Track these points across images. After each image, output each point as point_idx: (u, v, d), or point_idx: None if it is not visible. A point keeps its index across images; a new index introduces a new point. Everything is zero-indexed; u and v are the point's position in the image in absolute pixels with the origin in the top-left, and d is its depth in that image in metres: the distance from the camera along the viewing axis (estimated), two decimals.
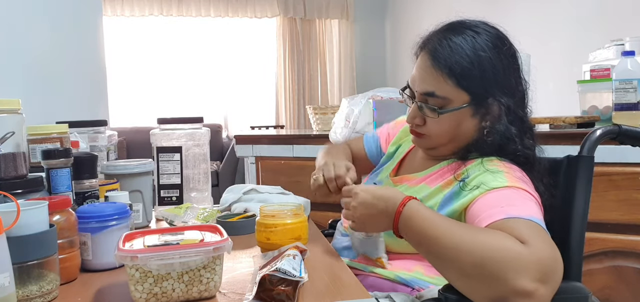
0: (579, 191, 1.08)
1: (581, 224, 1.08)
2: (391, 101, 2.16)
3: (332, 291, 0.87)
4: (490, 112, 1.06)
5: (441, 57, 1.05)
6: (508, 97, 1.05)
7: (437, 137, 1.10)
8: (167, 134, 1.61)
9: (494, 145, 1.05)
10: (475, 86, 1.04)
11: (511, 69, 1.08)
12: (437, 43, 1.07)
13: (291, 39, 6.27)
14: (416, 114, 1.11)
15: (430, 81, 1.07)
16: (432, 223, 0.90)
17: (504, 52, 1.07)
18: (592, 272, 1.72)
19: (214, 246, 0.83)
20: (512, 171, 1.01)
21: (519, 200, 0.94)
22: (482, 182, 0.99)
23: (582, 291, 0.97)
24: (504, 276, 0.80)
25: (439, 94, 1.06)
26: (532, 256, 0.81)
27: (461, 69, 1.04)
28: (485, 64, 1.04)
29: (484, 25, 1.10)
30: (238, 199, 1.46)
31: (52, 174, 1.13)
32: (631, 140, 1.11)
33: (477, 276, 0.82)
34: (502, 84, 1.05)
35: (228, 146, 5.46)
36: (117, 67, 5.54)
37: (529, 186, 0.99)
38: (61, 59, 2.07)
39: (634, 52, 1.89)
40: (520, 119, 1.07)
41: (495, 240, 0.83)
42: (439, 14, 1.20)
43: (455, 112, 1.06)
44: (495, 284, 0.80)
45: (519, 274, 0.79)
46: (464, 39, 1.06)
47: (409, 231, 0.94)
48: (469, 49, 1.04)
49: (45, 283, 0.84)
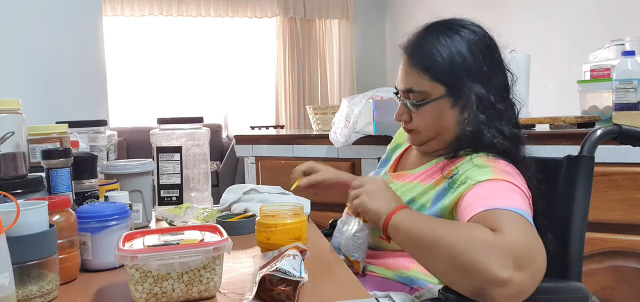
0: (579, 191, 1.08)
1: (581, 224, 1.08)
2: (391, 101, 2.15)
3: (332, 291, 0.87)
4: (469, 102, 1.10)
5: (416, 54, 1.13)
6: (480, 84, 1.09)
7: (424, 131, 1.16)
8: (167, 134, 1.61)
9: (474, 136, 1.08)
10: (448, 77, 1.10)
11: (483, 58, 1.11)
12: (413, 43, 1.16)
13: (291, 39, 6.26)
14: (403, 111, 1.19)
15: (409, 78, 1.15)
16: (418, 223, 0.95)
17: (475, 42, 1.11)
18: (592, 272, 1.72)
19: (214, 246, 0.83)
20: (499, 165, 1.04)
21: (501, 191, 0.96)
22: (469, 177, 1.02)
23: (582, 291, 0.98)
24: (475, 266, 0.82)
25: (416, 89, 1.13)
26: (503, 243, 0.83)
27: (433, 63, 1.11)
28: (455, 56, 1.10)
29: (459, 20, 1.16)
30: (238, 199, 1.45)
31: (52, 174, 1.13)
32: (631, 141, 1.11)
33: (453, 269, 0.86)
34: (473, 74, 1.09)
35: (228, 146, 5.46)
36: (117, 67, 5.54)
37: (515, 178, 1.01)
38: (61, 59, 2.07)
39: (634, 52, 1.89)
40: (493, 107, 1.09)
41: (464, 232, 0.87)
42: (438, 13, 1.21)
43: (433, 104, 1.12)
44: (469, 275, 0.83)
45: (491, 264, 0.81)
46: (436, 36, 1.13)
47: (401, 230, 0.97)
48: (440, 44, 1.11)
49: (45, 283, 0.84)
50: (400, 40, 1.19)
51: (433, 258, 0.90)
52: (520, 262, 0.82)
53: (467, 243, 0.84)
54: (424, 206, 1.09)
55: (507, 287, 0.80)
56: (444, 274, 0.90)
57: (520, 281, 0.81)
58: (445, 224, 0.95)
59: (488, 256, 0.81)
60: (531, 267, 0.83)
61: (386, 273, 1.11)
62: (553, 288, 1.00)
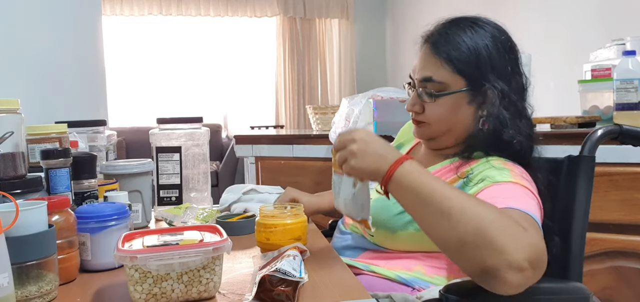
0: (580, 191, 1.08)
1: (582, 225, 1.08)
2: (391, 101, 2.15)
3: (332, 291, 0.86)
4: (486, 100, 1.09)
5: (440, 44, 1.11)
6: (503, 82, 1.08)
7: (436, 124, 1.14)
8: (167, 134, 1.60)
9: (490, 135, 1.07)
10: (471, 71, 1.09)
11: (507, 58, 1.11)
12: (436, 34, 1.14)
13: (291, 38, 6.26)
14: (415, 101, 1.16)
15: (429, 67, 1.12)
16: (438, 182, 0.88)
17: (501, 41, 1.11)
18: (593, 273, 1.72)
19: (214, 246, 0.82)
20: (516, 170, 1.04)
21: (521, 195, 0.96)
22: (488, 176, 1.01)
23: (583, 291, 0.97)
24: (503, 248, 0.80)
25: (436, 78, 1.10)
26: (530, 239, 0.83)
27: (458, 54, 1.09)
28: (481, 50, 1.09)
29: (484, 18, 1.15)
30: (238, 199, 1.45)
31: (51, 174, 1.13)
32: (632, 140, 1.11)
33: (475, 242, 0.82)
34: (497, 70, 1.09)
35: (228, 146, 5.46)
36: (116, 67, 5.54)
37: (531, 186, 1.01)
38: (60, 59, 2.06)
39: (635, 51, 1.89)
40: (515, 105, 1.09)
41: (500, 214, 0.84)
42: (439, 13, 1.21)
43: (451, 97, 1.10)
44: (492, 253, 0.80)
45: (517, 250, 0.80)
46: (462, 29, 1.11)
47: (409, 184, 0.89)
48: (467, 37, 1.10)
49: (44, 283, 0.84)
50: (400, 40, 1.18)
51: (449, 223, 0.84)
52: (536, 262, 0.82)
53: (504, 225, 0.82)
54: None
55: (521, 275, 0.80)
56: (458, 241, 0.83)
57: (530, 276, 0.81)
58: (473, 197, 0.90)
59: (518, 245, 0.80)
60: (540, 268, 0.83)
61: (387, 273, 1.11)
62: (554, 289, 0.99)
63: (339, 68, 6.43)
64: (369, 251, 1.17)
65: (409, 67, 1.19)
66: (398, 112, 1.38)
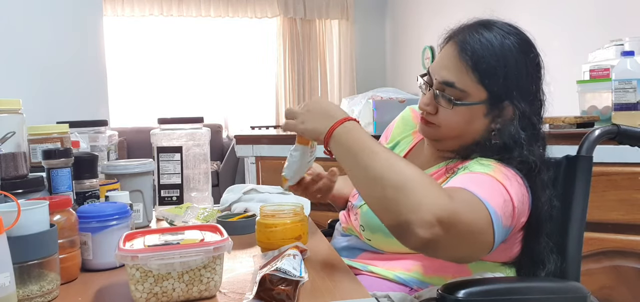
0: (577, 190, 1.08)
1: (580, 224, 1.08)
2: (391, 101, 2.16)
3: (332, 291, 0.87)
4: (502, 114, 1.06)
5: (469, 49, 1.04)
6: (526, 103, 1.05)
7: (446, 129, 1.09)
8: (168, 134, 1.61)
9: (497, 148, 1.05)
10: (496, 85, 1.04)
11: (534, 77, 1.08)
12: (467, 35, 1.07)
13: (291, 39, 6.27)
14: (430, 101, 1.10)
15: (453, 71, 1.06)
16: (371, 141, 0.94)
17: (530, 58, 1.07)
18: (591, 272, 1.72)
19: (214, 245, 0.83)
20: (502, 168, 1.00)
21: (487, 186, 0.94)
22: (468, 167, 1.01)
23: (580, 290, 0.98)
24: (416, 204, 0.84)
25: (458, 85, 1.05)
26: (447, 205, 0.85)
27: (486, 65, 1.03)
28: (510, 65, 1.04)
29: (515, 28, 1.09)
30: (238, 199, 1.46)
31: (52, 174, 1.14)
32: (630, 140, 1.11)
33: (395, 197, 0.86)
34: (522, 89, 1.05)
35: (228, 146, 5.46)
36: (117, 67, 5.54)
37: (511, 185, 0.97)
38: (61, 59, 2.07)
39: (634, 52, 1.89)
40: (533, 126, 1.06)
41: (425, 178, 0.88)
42: (439, 13, 1.21)
43: (469, 107, 1.05)
44: (407, 208, 0.84)
45: (429, 207, 0.83)
46: (494, 36, 1.05)
47: (345, 141, 0.95)
48: (498, 48, 1.04)
49: (45, 283, 0.85)
50: (400, 40, 1.18)
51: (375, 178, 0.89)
52: (449, 225, 0.84)
53: (423, 186, 0.86)
54: None
55: (429, 231, 0.83)
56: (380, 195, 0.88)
57: (441, 236, 0.84)
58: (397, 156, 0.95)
59: (432, 205, 0.83)
60: (456, 233, 0.85)
61: (385, 274, 1.11)
62: (552, 288, 1.00)
63: (339, 68, 6.43)
64: (367, 252, 1.17)
65: (409, 67, 1.18)
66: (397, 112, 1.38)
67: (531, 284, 1.02)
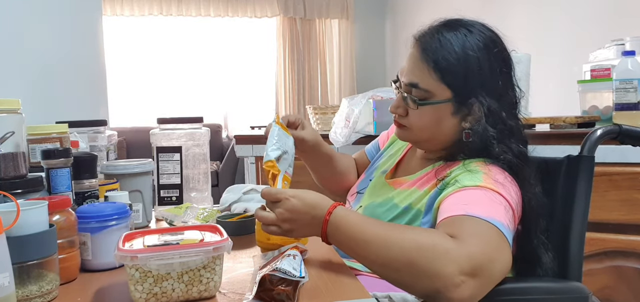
0: (579, 191, 1.08)
1: (581, 224, 1.08)
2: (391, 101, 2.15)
3: (332, 291, 0.87)
4: (471, 113, 1.07)
5: (430, 50, 1.07)
6: (492, 99, 1.05)
7: (417, 130, 1.12)
8: (167, 134, 1.61)
9: (476, 146, 1.06)
10: (459, 83, 1.06)
11: (499, 72, 1.08)
12: (428, 37, 1.10)
13: (291, 38, 6.26)
14: (400, 104, 1.14)
15: (416, 72, 1.09)
16: (360, 228, 0.93)
17: (494, 54, 1.08)
18: (592, 272, 1.72)
19: (214, 245, 0.83)
20: (492, 173, 1.01)
21: (485, 201, 0.95)
22: (458, 180, 1.01)
23: (582, 291, 0.98)
24: (434, 272, 0.84)
25: (422, 86, 1.08)
26: (461, 250, 0.85)
27: (447, 64, 1.06)
28: (472, 63, 1.05)
29: (480, 25, 1.11)
30: (238, 199, 1.45)
31: (51, 174, 1.13)
32: (632, 140, 1.11)
33: (409, 273, 0.87)
34: (487, 86, 1.06)
35: (228, 146, 5.46)
36: (117, 67, 5.53)
37: (505, 187, 0.98)
38: (61, 59, 2.06)
39: (635, 52, 1.89)
40: (503, 122, 1.06)
41: (424, 238, 0.88)
42: (439, 13, 1.20)
43: (435, 107, 1.08)
44: (428, 280, 0.85)
45: (448, 268, 0.83)
46: (455, 35, 1.08)
47: (338, 238, 0.96)
48: (458, 46, 1.06)
49: (45, 283, 0.84)
50: (400, 40, 1.18)
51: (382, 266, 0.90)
52: (476, 270, 0.84)
53: (428, 249, 0.86)
54: (420, 211, 1.07)
55: (461, 288, 0.83)
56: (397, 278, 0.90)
57: (472, 286, 0.84)
58: (395, 228, 0.95)
59: (448, 262, 0.84)
60: (486, 275, 0.86)
61: None
62: (553, 288, 1.00)
63: (339, 68, 6.43)
64: None
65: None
66: None
67: (533, 285, 1.02)
